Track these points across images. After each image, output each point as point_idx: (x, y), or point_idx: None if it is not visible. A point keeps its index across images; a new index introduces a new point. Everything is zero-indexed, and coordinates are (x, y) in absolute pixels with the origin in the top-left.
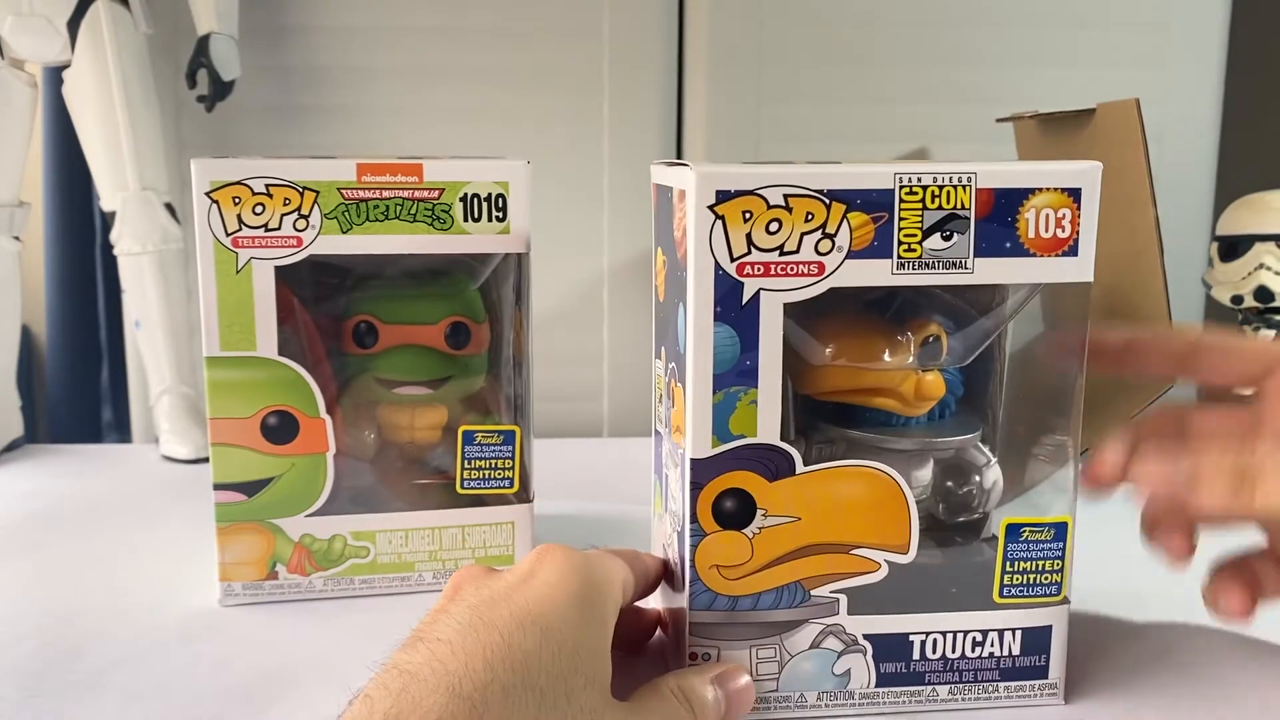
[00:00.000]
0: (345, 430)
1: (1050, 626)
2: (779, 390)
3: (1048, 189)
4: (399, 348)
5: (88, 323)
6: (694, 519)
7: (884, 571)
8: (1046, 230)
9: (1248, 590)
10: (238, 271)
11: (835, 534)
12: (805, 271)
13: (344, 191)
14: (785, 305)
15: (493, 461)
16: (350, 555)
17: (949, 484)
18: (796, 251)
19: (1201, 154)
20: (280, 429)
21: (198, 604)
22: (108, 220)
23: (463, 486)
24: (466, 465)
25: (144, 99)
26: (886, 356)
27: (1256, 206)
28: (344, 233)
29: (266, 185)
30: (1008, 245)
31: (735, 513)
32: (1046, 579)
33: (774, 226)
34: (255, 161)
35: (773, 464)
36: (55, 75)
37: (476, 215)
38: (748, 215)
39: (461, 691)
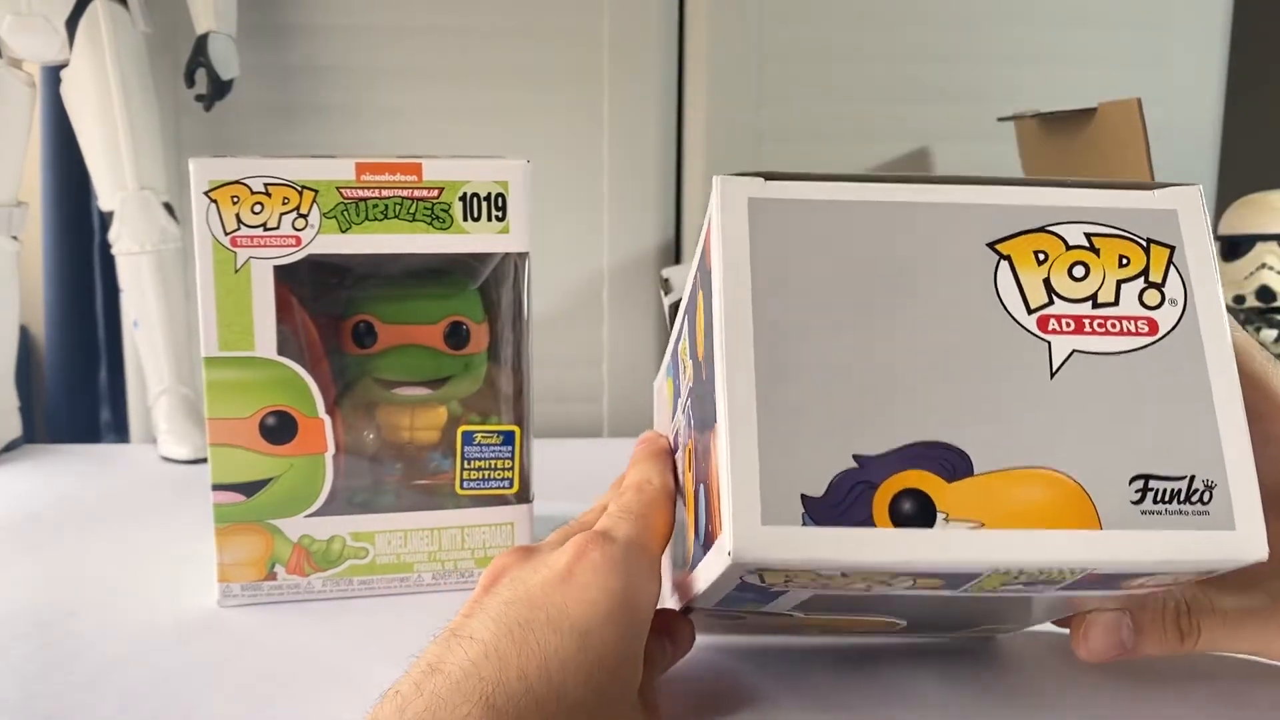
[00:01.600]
0: (344, 430)
1: None
2: None
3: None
4: (398, 348)
5: (86, 323)
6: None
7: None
8: (1142, 591)
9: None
10: (236, 271)
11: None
12: None
13: (343, 191)
14: None
15: (492, 462)
16: (349, 556)
17: None
18: None
19: (1202, 154)
20: (279, 429)
21: (196, 605)
22: (106, 220)
23: (462, 487)
24: (466, 466)
25: (142, 98)
26: None
27: (1258, 206)
28: (343, 232)
29: (265, 184)
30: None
31: None
32: None
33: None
34: (254, 161)
35: None
36: (54, 75)
37: (476, 215)
38: None
39: (495, 703)
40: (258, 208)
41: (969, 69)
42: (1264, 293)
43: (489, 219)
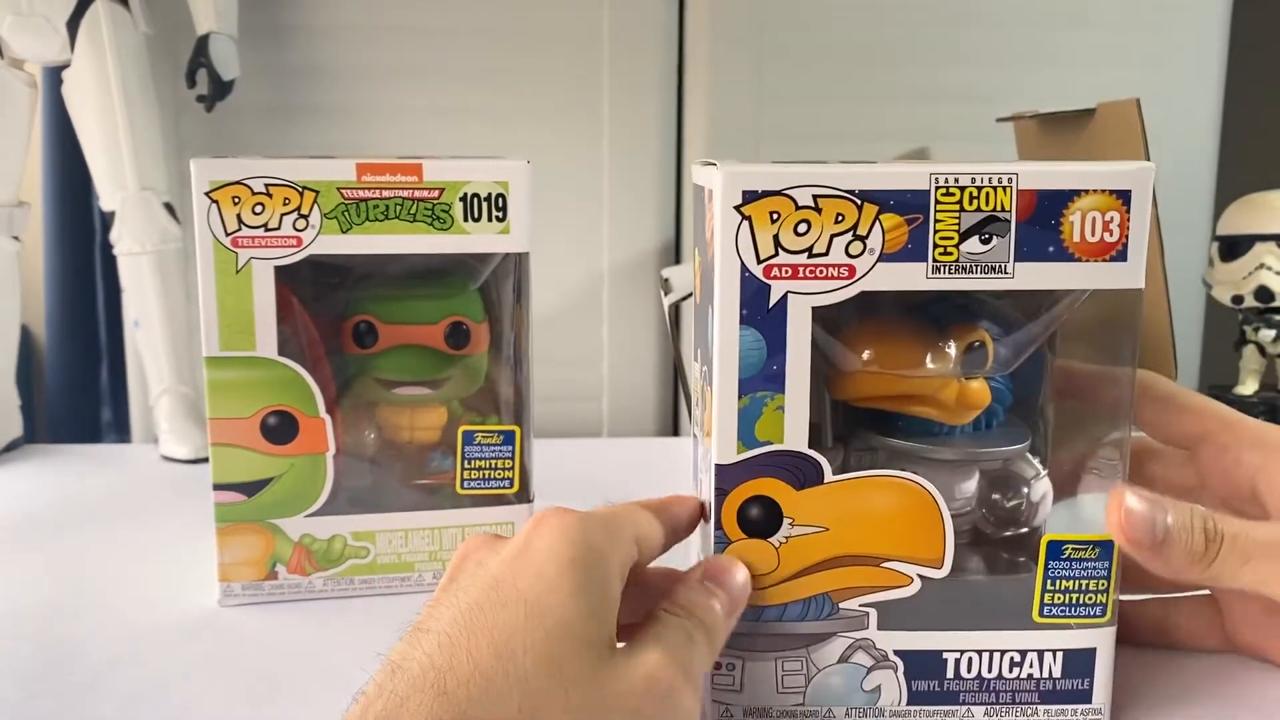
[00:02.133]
0: (345, 430)
1: (1094, 649)
2: (806, 396)
3: (1095, 191)
4: (399, 348)
5: (87, 323)
6: (719, 526)
7: (916, 586)
8: (1093, 234)
9: None
10: (237, 271)
11: (865, 546)
12: (834, 274)
13: (344, 191)
14: (817, 308)
15: (493, 461)
16: (350, 555)
17: (995, 497)
18: (826, 254)
19: (1201, 154)
20: (280, 429)
21: (197, 604)
22: (107, 220)
23: (463, 487)
24: (466, 465)
25: (143, 99)
26: (928, 363)
27: (1257, 206)
28: (344, 232)
29: (266, 185)
30: (1051, 249)
31: (761, 521)
32: (1091, 599)
33: (802, 228)
34: (255, 161)
35: (800, 472)
36: (55, 75)
37: (476, 215)
38: (775, 216)
39: (446, 688)
40: (259, 208)
41: (969, 69)
42: (1262, 293)
43: (489, 219)
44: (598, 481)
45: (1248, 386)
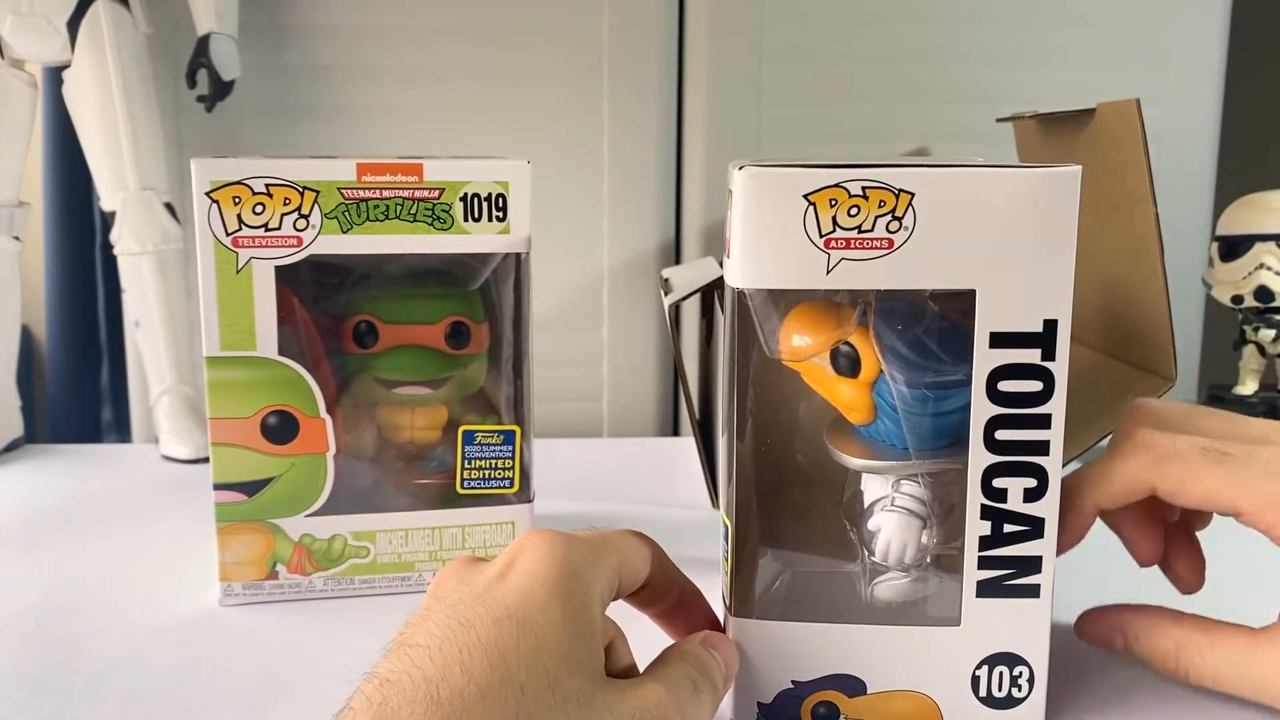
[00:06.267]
0: (345, 430)
1: None
2: None
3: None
4: (399, 348)
5: (87, 323)
6: None
7: None
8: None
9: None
10: (238, 271)
11: None
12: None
13: (344, 191)
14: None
15: (493, 461)
16: (350, 555)
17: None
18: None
19: (1201, 154)
20: (280, 429)
21: (198, 604)
22: (108, 220)
23: (463, 486)
24: (466, 465)
25: (144, 99)
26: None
27: (1256, 206)
28: (344, 232)
29: (266, 185)
30: None
31: None
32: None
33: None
34: (255, 161)
35: None
36: (55, 75)
37: (476, 215)
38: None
39: (439, 698)
40: (259, 208)
41: (969, 69)
42: (1262, 293)
43: (490, 219)
44: (598, 481)
45: (1248, 386)
